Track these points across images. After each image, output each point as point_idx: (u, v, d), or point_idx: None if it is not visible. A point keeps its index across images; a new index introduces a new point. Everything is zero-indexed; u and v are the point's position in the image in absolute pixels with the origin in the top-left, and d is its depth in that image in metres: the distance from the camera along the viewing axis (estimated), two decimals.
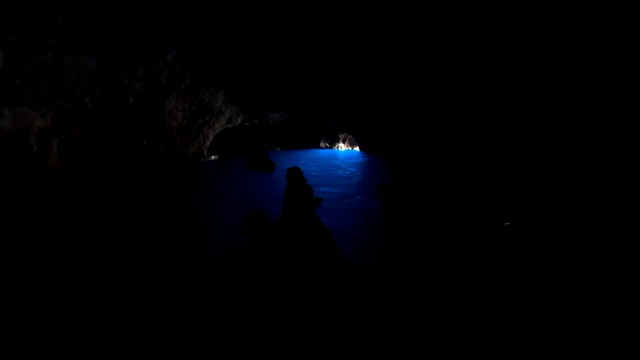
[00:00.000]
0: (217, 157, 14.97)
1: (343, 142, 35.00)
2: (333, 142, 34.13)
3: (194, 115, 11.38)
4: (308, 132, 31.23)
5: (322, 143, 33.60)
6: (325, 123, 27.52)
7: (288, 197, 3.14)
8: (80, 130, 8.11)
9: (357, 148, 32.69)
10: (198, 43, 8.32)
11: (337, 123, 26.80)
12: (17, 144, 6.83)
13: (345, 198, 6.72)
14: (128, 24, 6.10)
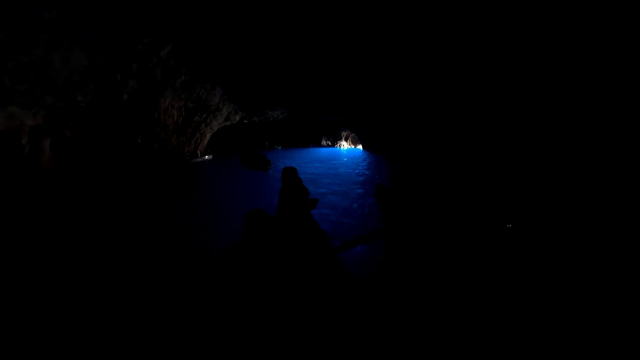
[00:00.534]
0: (210, 157, 14.56)
1: (345, 140, 34.90)
2: (335, 140, 34.02)
3: (191, 113, 11.37)
4: (309, 130, 31.18)
5: (323, 141, 33.51)
6: (327, 120, 27.46)
7: (283, 198, 3.11)
8: (73, 129, 8.12)
9: (360, 146, 32.62)
10: (193, 38, 8.29)
11: (339, 120, 26.74)
12: (8, 144, 6.85)
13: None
14: (119, 18, 6.08)
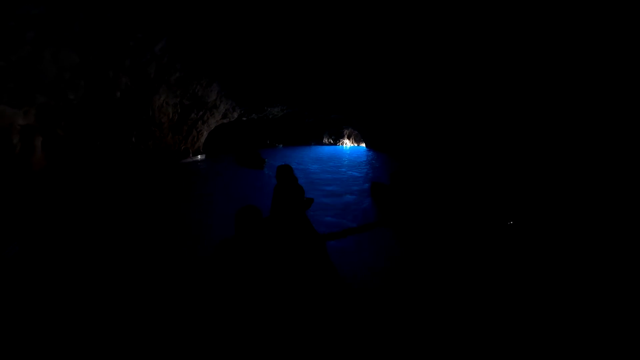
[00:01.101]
0: (203, 156, 13.86)
1: (348, 138, 34.82)
2: (337, 138, 33.96)
3: (187, 110, 11.37)
4: (310, 127, 31.16)
5: (325, 139, 33.46)
6: (329, 118, 27.41)
7: (277, 197, 3.11)
8: (66, 128, 8.15)
9: (363, 144, 32.54)
10: (188, 32, 8.26)
11: (341, 118, 26.66)
12: None
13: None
14: (109, 13, 6.06)
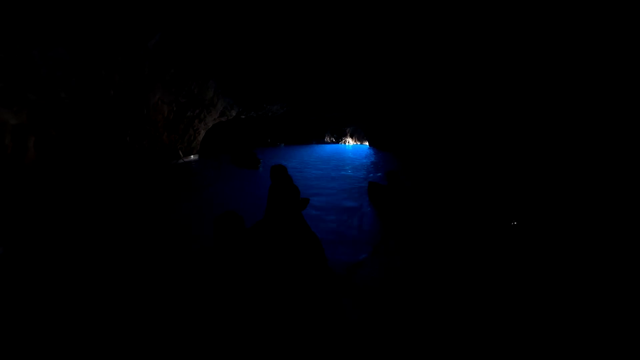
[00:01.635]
0: (197, 157, 13.34)
1: (351, 136, 34.77)
2: (339, 136, 33.90)
3: (183, 108, 11.35)
4: (312, 126, 31.15)
5: (327, 138, 33.42)
6: (331, 115, 27.35)
7: (272, 197, 3.10)
8: (59, 128, 8.15)
9: (366, 143, 32.47)
10: (182, 28, 8.23)
11: (343, 116, 26.57)
12: None
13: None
14: (97, 9, 6.03)
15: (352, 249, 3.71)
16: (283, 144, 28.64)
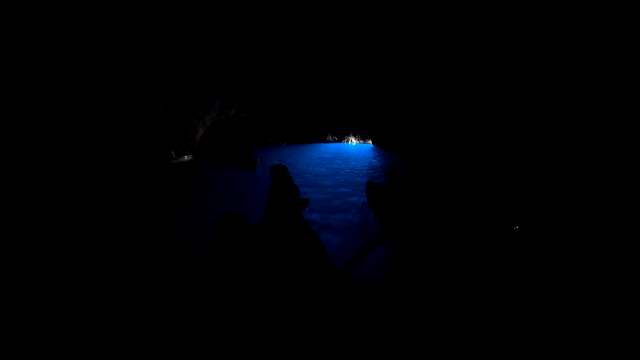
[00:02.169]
0: (190, 157, 12.96)
1: (354, 135, 34.72)
2: (342, 135, 33.85)
3: (179, 106, 11.28)
4: (314, 125, 31.14)
5: (329, 136, 33.38)
6: (333, 114, 27.29)
7: (272, 197, 3.11)
8: (50, 126, 8.09)
9: (369, 141, 32.39)
10: (176, 23, 8.13)
11: (346, 114, 26.50)
12: None
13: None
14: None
15: (348, 247, 3.77)
16: (285, 143, 28.82)
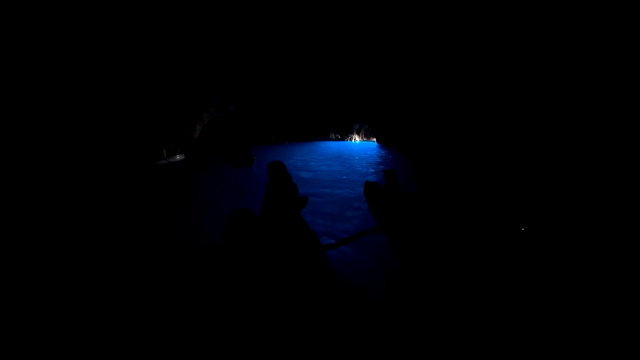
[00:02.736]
0: (182, 157, 12.43)
1: (357, 133, 34.54)
2: (345, 133, 33.68)
3: (175, 103, 11.13)
4: (316, 123, 31.06)
5: (332, 135, 33.23)
6: (336, 111, 27.14)
7: (269, 195, 3.13)
8: (43, 125, 7.96)
9: (373, 140, 32.21)
10: (171, 17, 7.97)
11: (349, 111, 26.36)
12: None
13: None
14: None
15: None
16: (288, 141, 28.96)
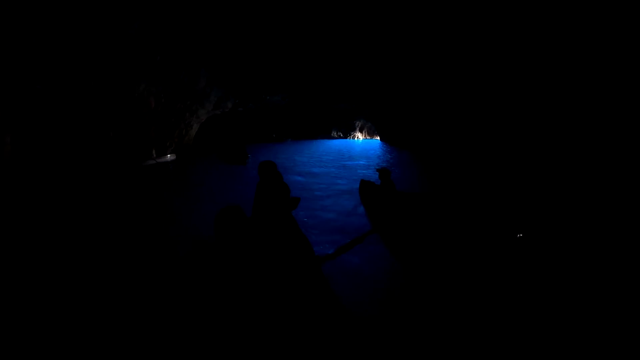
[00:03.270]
0: (173, 156, 12.07)
1: (360, 130, 34.40)
2: (347, 131, 33.57)
3: (171, 100, 11.07)
4: (317, 120, 30.96)
5: (334, 132, 33.12)
6: (338, 107, 26.99)
7: (260, 195, 3.09)
8: (38, 124, 7.93)
9: (377, 137, 32.06)
10: (165, 11, 7.90)
11: (351, 107, 26.19)
12: None
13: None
14: None
15: (334, 244, 3.81)
16: (290, 139, 29.04)
